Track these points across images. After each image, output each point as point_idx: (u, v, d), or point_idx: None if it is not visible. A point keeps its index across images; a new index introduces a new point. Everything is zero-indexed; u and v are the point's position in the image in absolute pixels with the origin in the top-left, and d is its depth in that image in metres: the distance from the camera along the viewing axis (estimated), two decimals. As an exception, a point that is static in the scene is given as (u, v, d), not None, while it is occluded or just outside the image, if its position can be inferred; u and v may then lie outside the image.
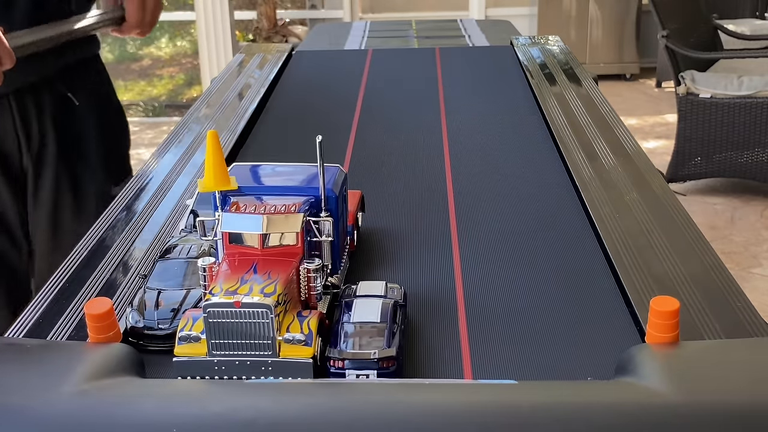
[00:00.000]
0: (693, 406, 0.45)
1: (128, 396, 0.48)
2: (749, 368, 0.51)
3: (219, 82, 1.41)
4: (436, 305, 0.69)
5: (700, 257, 0.74)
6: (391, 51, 1.69)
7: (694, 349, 0.55)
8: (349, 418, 0.45)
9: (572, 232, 0.82)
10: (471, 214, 0.87)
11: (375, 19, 5.73)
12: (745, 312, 0.65)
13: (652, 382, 0.48)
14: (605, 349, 0.62)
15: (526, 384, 0.53)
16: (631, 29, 5.41)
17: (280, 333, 0.55)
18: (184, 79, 6.11)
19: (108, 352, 0.54)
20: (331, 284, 0.64)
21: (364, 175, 0.99)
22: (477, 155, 1.05)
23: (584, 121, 1.13)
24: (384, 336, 0.57)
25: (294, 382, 0.53)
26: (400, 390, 0.49)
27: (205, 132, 1.14)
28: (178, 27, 6.21)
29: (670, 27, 3.35)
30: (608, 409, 0.46)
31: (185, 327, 0.56)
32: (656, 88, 5.38)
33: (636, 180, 0.92)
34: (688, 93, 3.32)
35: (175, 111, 5.56)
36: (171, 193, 0.93)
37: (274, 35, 5.62)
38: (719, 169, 3.39)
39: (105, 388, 0.49)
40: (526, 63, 1.47)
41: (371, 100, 1.30)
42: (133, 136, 1.45)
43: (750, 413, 0.45)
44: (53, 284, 0.72)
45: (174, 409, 0.46)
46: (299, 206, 0.61)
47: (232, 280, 0.56)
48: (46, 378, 0.49)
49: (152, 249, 0.79)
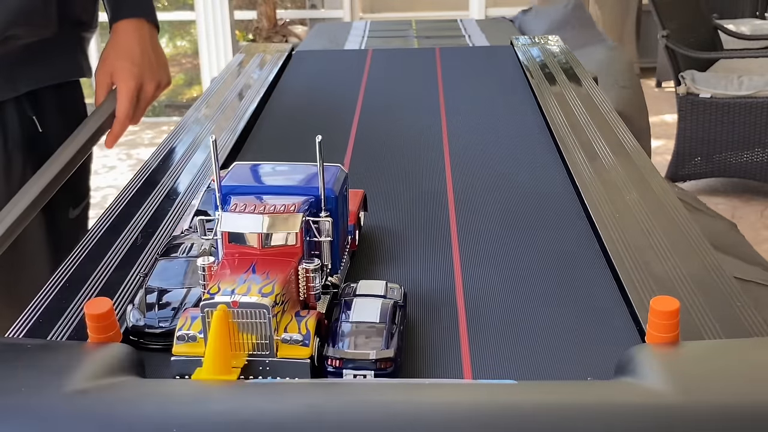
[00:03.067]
0: (693, 406, 0.45)
1: (128, 396, 0.48)
2: (749, 368, 0.51)
3: (219, 82, 1.41)
4: (436, 305, 0.69)
5: (700, 257, 0.74)
6: (392, 51, 1.69)
7: (694, 349, 0.55)
8: (346, 418, 0.45)
9: (572, 232, 0.82)
10: (471, 214, 0.87)
11: (375, 19, 5.73)
12: (745, 312, 0.65)
13: (652, 382, 0.48)
14: (605, 349, 0.62)
15: (526, 384, 0.53)
16: (631, 29, 5.40)
17: (278, 333, 0.55)
18: (184, 79, 6.11)
19: (108, 352, 0.54)
20: (331, 284, 0.64)
21: (364, 174, 0.99)
22: (477, 155, 1.05)
23: (584, 121, 1.13)
24: (382, 337, 0.57)
25: (291, 382, 0.53)
26: (400, 390, 0.49)
27: (206, 132, 1.14)
28: (178, 27, 6.21)
29: (670, 27, 3.35)
30: (608, 409, 0.46)
31: (183, 326, 0.56)
32: (656, 88, 5.38)
33: (636, 180, 0.92)
34: (688, 93, 3.32)
35: (175, 111, 5.56)
36: (171, 193, 0.93)
37: (274, 35, 5.62)
38: (719, 169, 3.39)
39: (105, 388, 0.49)
40: (526, 63, 1.47)
41: (371, 100, 1.30)
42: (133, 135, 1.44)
43: (750, 413, 0.45)
44: (53, 284, 0.72)
45: (174, 409, 0.46)
46: (299, 206, 0.61)
47: (231, 279, 0.56)
48: (46, 378, 0.49)
49: (153, 248, 0.79)
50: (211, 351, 0.53)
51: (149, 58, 1.17)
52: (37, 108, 1.17)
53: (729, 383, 0.48)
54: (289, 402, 0.47)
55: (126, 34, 1.16)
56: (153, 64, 1.17)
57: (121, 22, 1.17)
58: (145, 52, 1.16)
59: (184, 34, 6.23)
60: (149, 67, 1.16)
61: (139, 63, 1.15)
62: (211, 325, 0.53)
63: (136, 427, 0.45)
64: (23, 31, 1.07)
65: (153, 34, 1.20)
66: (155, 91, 1.19)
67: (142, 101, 1.17)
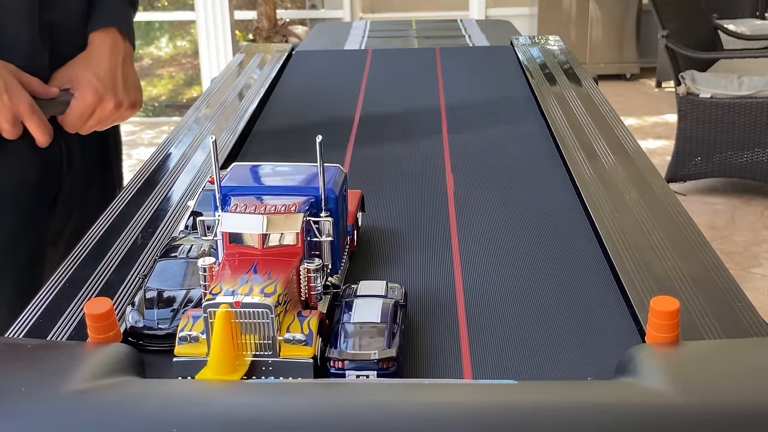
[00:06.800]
0: (693, 406, 0.45)
1: (128, 396, 0.48)
2: (749, 368, 0.51)
3: (219, 82, 1.41)
4: (436, 305, 0.69)
5: (700, 257, 0.74)
6: (392, 51, 1.69)
7: (694, 349, 0.55)
8: (348, 419, 0.45)
9: (572, 232, 0.82)
10: (471, 214, 0.87)
11: (375, 19, 5.73)
12: (745, 312, 0.65)
13: (652, 382, 0.48)
14: (605, 349, 0.62)
15: (526, 384, 0.53)
16: (631, 29, 5.41)
17: (281, 333, 0.55)
18: (184, 79, 6.11)
19: (108, 352, 0.54)
20: (331, 284, 0.64)
21: (364, 175, 0.99)
22: (477, 155, 1.05)
23: (584, 121, 1.13)
24: (384, 336, 0.57)
25: (293, 382, 0.53)
26: (400, 390, 0.49)
27: (206, 132, 1.14)
28: (178, 27, 6.21)
29: (670, 27, 3.35)
30: (608, 409, 0.46)
31: (185, 327, 0.56)
32: (656, 88, 5.38)
33: (636, 180, 0.92)
34: (688, 93, 3.32)
35: (175, 111, 5.56)
36: (171, 193, 0.93)
37: (274, 35, 5.62)
38: (719, 169, 3.39)
39: (105, 388, 0.49)
40: (526, 63, 1.47)
41: (371, 100, 1.30)
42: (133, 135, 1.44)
43: (750, 413, 0.45)
44: (53, 284, 0.72)
45: (174, 409, 0.46)
46: (299, 206, 0.61)
47: (232, 280, 0.56)
48: (46, 378, 0.49)
49: (152, 249, 0.79)
50: (215, 351, 0.53)
51: (115, 76, 1.12)
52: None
53: (729, 383, 0.48)
54: (290, 402, 0.47)
55: (99, 48, 1.13)
56: (118, 83, 1.11)
57: (98, 35, 1.14)
58: (113, 69, 1.12)
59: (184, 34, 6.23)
60: (113, 85, 1.11)
61: (102, 78, 1.09)
62: (214, 326, 0.53)
63: (136, 427, 0.45)
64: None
65: (128, 54, 1.16)
66: (115, 111, 1.12)
67: (96, 117, 1.11)
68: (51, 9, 1.08)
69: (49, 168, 1.12)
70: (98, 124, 1.12)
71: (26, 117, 1.02)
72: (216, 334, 0.53)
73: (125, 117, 1.16)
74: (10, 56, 1.03)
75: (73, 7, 1.13)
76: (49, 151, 1.08)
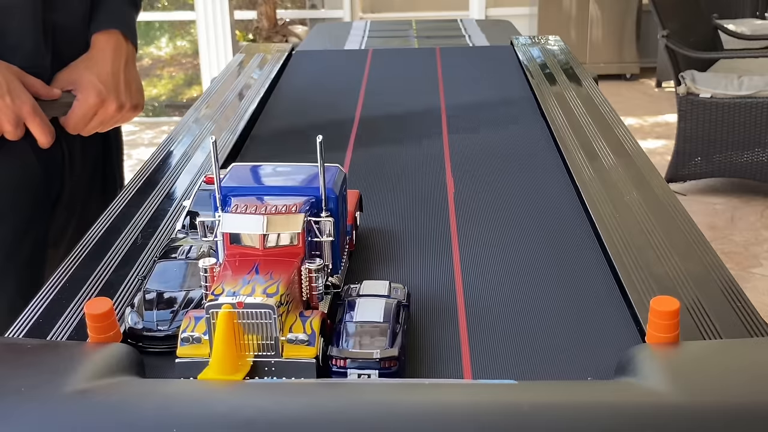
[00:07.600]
0: (693, 406, 0.45)
1: (128, 396, 0.48)
2: (749, 368, 0.51)
3: (219, 82, 1.41)
4: (436, 305, 0.69)
5: (700, 257, 0.74)
6: (392, 51, 1.70)
7: (694, 349, 0.55)
8: (350, 419, 0.45)
9: (572, 232, 0.82)
10: (471, 215, 0.87)
11: (375, 18, 5.73)
12: (745, 312, 0.65)
13: (652, 382, 0.48)
14: (605, 349, 0.62)
15: (526, 384, 0.53)
16: (631, 29, 5.41)
17: (283, 333, 0.55)
18: (184, 79, 6.11)
19: (108, 352, 0.54)
20: (331, 284, 0.64)
21: (364, 175, 0.99)
22: (477, 155, 1.05)
23: (584, 121, 1.13)
24: (386, 336, 0.57)
25: (296, 382, 0.53)
26: (401, 390, 0.49)
27: (206, 132, 1.14)
28: (178, 27, 6.21)
29: (670, 27, 3.35)
30: (608, 409, 0.46)
31: (187, 328, 0.56)
32: (656, 88, 5.38)
33: (636, 180, 0.92)
34: (688, 93, 3.32)
35: (175, 111, 5.56)
36: (171, 193, 0.93)
37: (274, 35, 5.62)
38: (719, 169, 3.39)
39: (105, 388, 0.49)
40: (526, 63, 1.47)
41: (371, 100, 1.30)
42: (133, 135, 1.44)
43: (750, 413, 0.45)
44: (53, 284, 0.72)
45: (174, 409, 0.46)
46: (300, 206, 0.61)
47: (234, 280, 0.56)
48: (46, 378, 0.49)
49: (152, 249, 0.79)
50: (217, 352, 0.53)
51: (118, 78, 1.12)
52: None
53: (729, 383, 0.48)
54: (292, 402, 0.47)
55: (101, 50, 1.13)
56: (120, 85, 1.12)
57: (101, 37, 1.14)
58: (116, 71, 1.12)
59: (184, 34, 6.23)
60: (115, 86, 1.11)
61: (105, 80, 1.10)
62: (217, 327, 0.53)
63: (137, 427, 0.45)
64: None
65: (130, 56, 1.16)
66: (117, 113, 1.12)
67: (98, 119, 1.11)
68: (54, 10, 1.08)
69: (50, 169, 1.12)
70: (100, 125, 1.12)
71: (28, 118, 1.02)
72: (218, 335, 0.53)
73: (127, 119, 1.16)
74: (13, 57, 1.03)
75: (76, 9, 1.13)
76: (50, 152, 1.09)
